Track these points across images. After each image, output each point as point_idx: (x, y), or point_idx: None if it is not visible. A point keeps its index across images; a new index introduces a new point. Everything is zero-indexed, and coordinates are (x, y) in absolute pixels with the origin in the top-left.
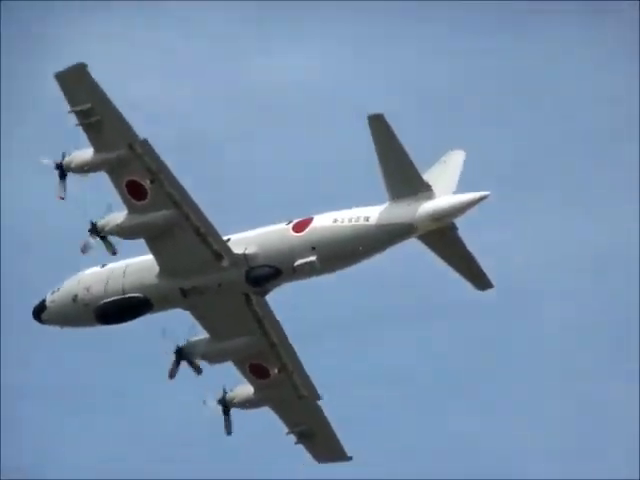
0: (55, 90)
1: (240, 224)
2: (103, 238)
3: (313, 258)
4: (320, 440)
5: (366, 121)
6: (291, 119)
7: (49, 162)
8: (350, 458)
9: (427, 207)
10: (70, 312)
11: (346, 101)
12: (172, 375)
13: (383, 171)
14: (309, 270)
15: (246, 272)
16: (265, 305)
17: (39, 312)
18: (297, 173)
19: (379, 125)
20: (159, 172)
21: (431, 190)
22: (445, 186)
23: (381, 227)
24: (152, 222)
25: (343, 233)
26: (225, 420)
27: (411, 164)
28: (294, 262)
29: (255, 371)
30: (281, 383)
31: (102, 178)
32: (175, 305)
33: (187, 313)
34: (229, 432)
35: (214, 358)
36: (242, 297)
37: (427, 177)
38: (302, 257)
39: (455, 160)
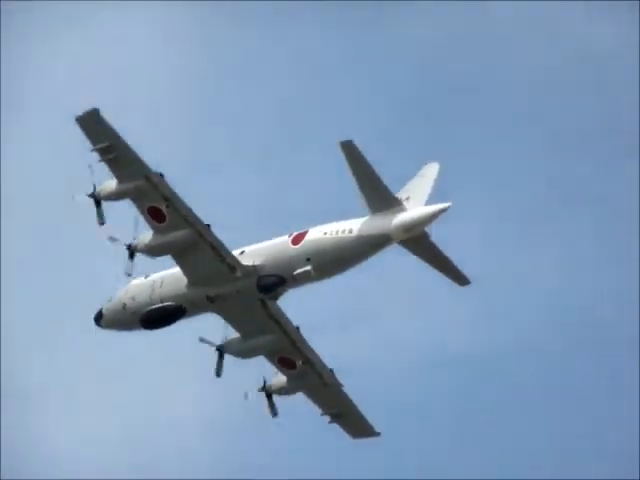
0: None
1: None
2: (132, 256)
3: (308, 268)
4: (350, 419)
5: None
6: None
7: (82, 197)
8: (379, 434)
9: (398, 219)
10: (121, 319)
11: None
12: (219, 373)
13: (359, 189)
14: (307, 278)
15: (256, 281)
16: (278, 308)
17: (98, 319)
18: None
19: (350, 150)
20: (172, 198)
21: (402, 204)
22: (418, 198)
23: (361, 238)
24: (173, 241)
25: (330, 245)
26: (270, 405)
27: (381, 183)
28: (294, 271)
29: (284, 363)
30: (307, 373)
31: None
32: (204, 310)
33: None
34: (275, 414)
35: (246, 354)
36: (258, 302)
37: (406, 189)
38: (300, 267)
39: (429, 173)
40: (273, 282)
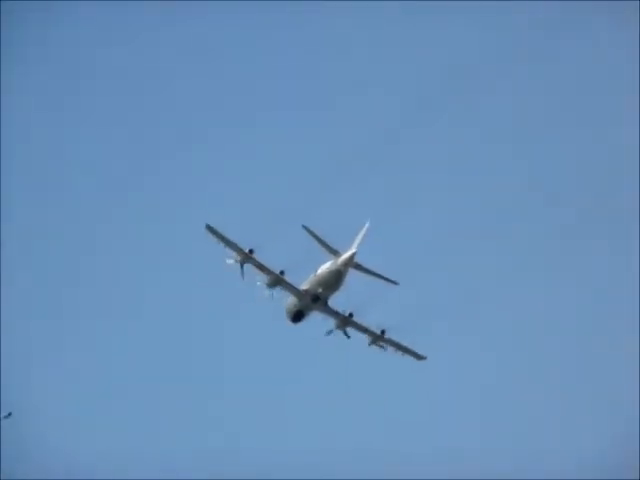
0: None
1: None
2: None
3: (320, 289)
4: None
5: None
6: None
7: (232, 261)
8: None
9: (338, 261)
10: (288, 317)
11: None
12: (329, 333)
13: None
14: (322, 294)
15: (310, 297)
16: (329, 306)
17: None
18: None
19: (309, 232)
20: (259, 262)
21: (339, 253)
22: (352, 247)
23: (331, 271)
24: (271, 281)
25: (323, 276)
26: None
27: (328, 246)
28: (317, 291)
29: (362, 331)
30: (372, 334)
31: None
32: (311, 311)
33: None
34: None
35: (343, 328)
36: (322, 305)
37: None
38: (318, 288)
39: (362, 229)
40: (313, 297)
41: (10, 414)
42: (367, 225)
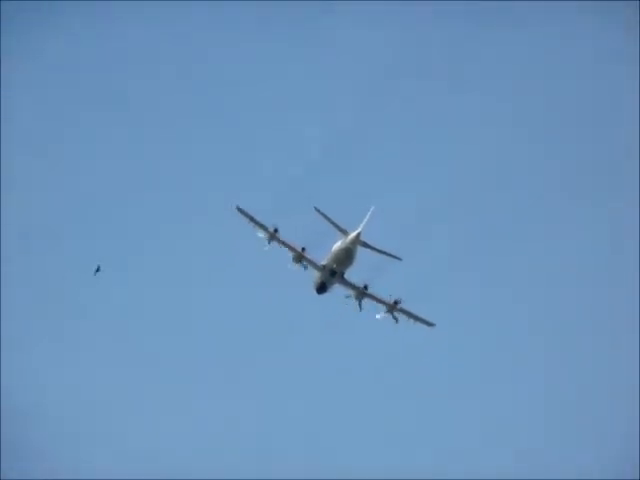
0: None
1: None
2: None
3: (335, 265)
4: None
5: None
6: None
7: (263, 236)
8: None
9: (347, 239)
10: (314, 288)
11: None
12: (360, 309)
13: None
14: (337, 269)
15: (328, 271)
16: (346, 279)
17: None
18: None
19: (322, 215)
20: (284, 240)
21: (348, 232)
22: (359, 228)
23: (342, 249)
24: (295, 256)
25: (335, 252)
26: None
27: (337, 226)
28: (333, 266)
29: (376, 301)
30: (384, 304)
31: None
32: (331, 284)
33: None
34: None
35: (359, 299)
36: (339, 278)
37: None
38: (333, 264)
39: (369, 212)
40: (330, 272)
41: (99, 268)
42: (372, 209)
